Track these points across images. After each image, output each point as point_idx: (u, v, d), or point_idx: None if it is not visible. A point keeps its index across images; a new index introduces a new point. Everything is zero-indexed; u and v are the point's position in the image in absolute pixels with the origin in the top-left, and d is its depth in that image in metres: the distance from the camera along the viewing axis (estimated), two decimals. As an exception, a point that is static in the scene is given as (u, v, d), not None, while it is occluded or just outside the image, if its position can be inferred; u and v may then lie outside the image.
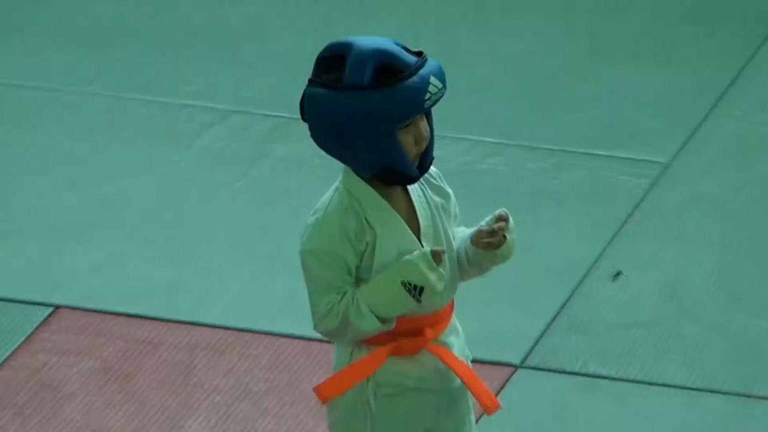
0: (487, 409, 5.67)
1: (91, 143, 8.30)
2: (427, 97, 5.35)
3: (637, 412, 7.07)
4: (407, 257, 5.49)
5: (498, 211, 5.55)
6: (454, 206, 5.71)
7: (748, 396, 7.14)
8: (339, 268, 5.52)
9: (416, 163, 5.47)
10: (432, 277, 5.43)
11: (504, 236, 5.49)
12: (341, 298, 5.49)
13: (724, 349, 7.21)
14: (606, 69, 8.28)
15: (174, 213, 7.95)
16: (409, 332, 5.60)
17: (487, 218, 5.52)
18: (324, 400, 5.67)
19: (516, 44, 7.91)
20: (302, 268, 5.55)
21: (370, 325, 5.50)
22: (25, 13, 8.88)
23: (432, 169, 5.62)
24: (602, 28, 8.63)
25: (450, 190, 5.68)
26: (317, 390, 5.67)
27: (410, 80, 5.38)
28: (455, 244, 5.65)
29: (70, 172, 8.22)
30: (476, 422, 5.90)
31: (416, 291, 5.44)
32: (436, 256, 5.43)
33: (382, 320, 5.47)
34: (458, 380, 5.71)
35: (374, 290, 5.51)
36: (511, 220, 5.52)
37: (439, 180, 5.67)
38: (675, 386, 7.13)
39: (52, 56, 8.70)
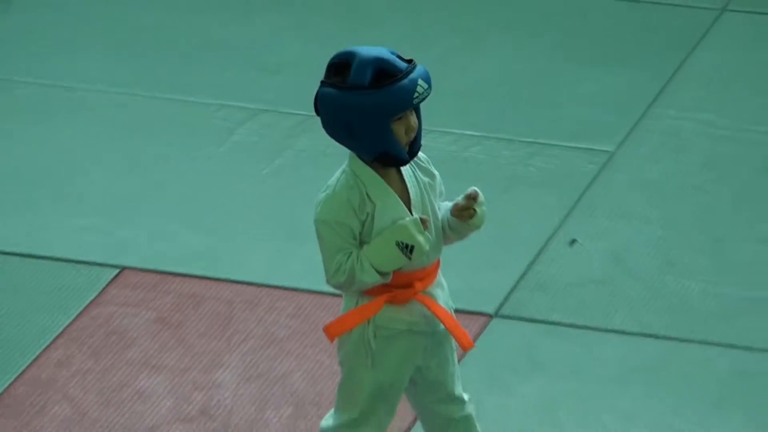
0: (464, 347, 6.03)
1: (140, 137, 8.34)
2: (415, 96, 5.64)
3: (590, 352, 7.14)
4: (400, 222, 5.75)
5: (469, 190, 5.81)
6: (440, 185, 5.97)
7: (678, 339, 7.22)
8: (346, 233, 5.78)
9: (407, 149, 5.78)
10: (420, 238, 5.70)
11: (474, 210, 5.82)
12: (348, 258, 5.75)
13: (658, 303, 7.32)
14: (565, 75, 8.31)
15: (213, 193, 8.01)
16: (402, 285, 5.86)
17: (462, 195, 5.81)
18: (331, 338, 5.94)
19: (494, 55, 7.90)
20: (316, 235, 5.78)
21: (372, 278, 5.75)
22: (81, 28, 8.89)
23: (421, 154, 5.92)
24: (563, 42, 8.62)
25: (436, 172, 5.94)
26: (326, 329, 5.96)
27: (402, 82, 5.65)
28: (440, 214, 5.93)
29: (125, 161, 8.26)
30: (458, 362, 6.08)
31: (408, 249, 5.72)
32: (423, 222, 5.72)
33: (381, 274, 5.73)
34: (442, 325, 5.95)
35: (374, 250, 5.76)
36: (480, 196, 5.83)
37: (427, 164, 5.96)
38: (620, 332, 7.25)
39: (104, 63, 8.72)
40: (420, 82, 5.70)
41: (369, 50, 5.79)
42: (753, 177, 7.88)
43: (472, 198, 5.82)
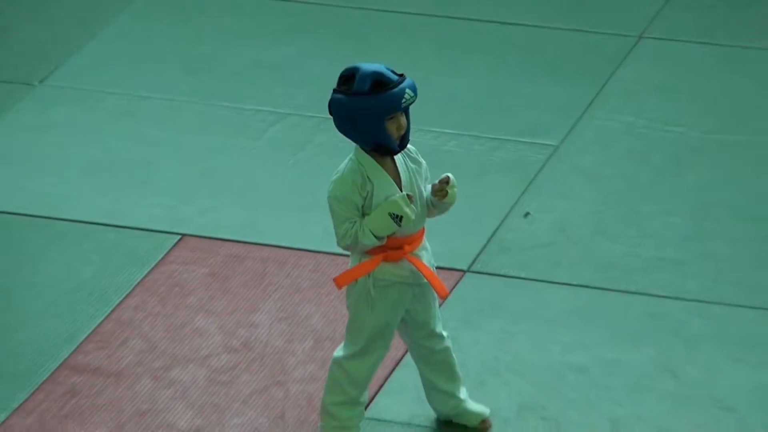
0: (441, 296, 6.27)
1: (197, 135, 8.36)
2: (403, 101, 5.91)
3: (538, 299, 7.24)
4: (392, 198, 5.96)
5: (443, 176, 6.06)
6: (426, 171, 6.23)
7: (606, 289, 7.34)
8: (351, 207, 6.01)
9: (398, 142, 5.99)
10: (407, 210, 5.94)
11: (446, 191, 6.05)
12: (353, 226, 5.98)
13: (591, 261, 7.42)
14: (520, 87, 8.35)
15: (251, 177, 8.05)
16: (394, 247, 6.11)
17: (438, 179, 6.08)
18: (339, 286, 6.16)
19: (467, 73, 7.86)
20: (329, 208, 6.05)
21: (370, 241, 5.99)
22: (155, 52, 8.87)
23: (410, 147, 6.15)
24: (518, 63, 8.63)
25: (423, 161, 6.21)
26: (335, 279, 6.19)
27: (393, 90, 5.89)
28: (424, 193, 6.15)
29: (185, 153, 8.28)
30: (439, 307, 6.33)
31: (398, 219, 5.93)
32: (410, 198, 5.95)
33: (378, 238, 5.97)
34: (425, 278, 6.17)
35: (372, 219, 5.98)
36: (452, 180, 6.08)
37: (415, 154, 6.17)
38: (561, 283, 7.34)
39: (172, 79, 8.72)
40: (407, 90, 5.94)
41: (369, 65, 5.99)
42: (663, 164, 7.93)
43: (444, 182, 6.06)
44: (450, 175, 6.11)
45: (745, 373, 6.66)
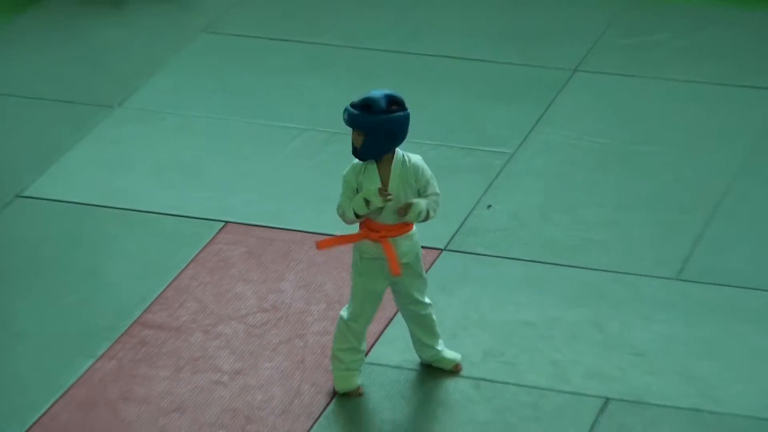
0: (393, 273, 6.08)
1: (238, 145, 8.31)
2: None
3: (499, 271, 7.15)
4: (369, 188, 5.92)
5: (406, 203, 5.99)
6: (421, 179, 6.10)
7: (550, 263, 7.27)
8: (349, 189, 6.01)
9: (358, 153, 6.05)
10: (374, 198, 5.88)
11: (406, 213, 5.97)
12: (345, 201, 6.01)
13: (538, 241, 7.39)
14: (481, 108, 8.37)
15: (280, 177, 7.95)
16: (374, 230, 6.05)
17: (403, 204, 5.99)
18: (318, 247, 6.37)
19: (441, 97, 8.01)
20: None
21: (350, 215, 5.99)
22: (207, 83, 8.98)
23: (415, 160, 6.08)
24: (480, 89, 8.61)
25: (423, 172, 6.10)
26: (317, 242, 6.35)
27: (405, 109, 5.99)
28: (408, 198, 6.02)
29: (228, 158, 8.17)
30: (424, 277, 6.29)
31: (367, 203, 5.89)
32: (381, 191, 5.87)
33: (356, 215, 5.95)
34: (405, 257, 6.13)
35: (354, 200, 5.94)
36: (412, 208, 5.97)
37: (414, 166, 6.06)
38: (517, 259, 7.27)
39: (220, 102, 8.71)
40: (396, 116, 6.01)
41: (376, 92, 6.02)
42: (593, 167, 7.94)
43: (403, 209, 6.02)
44: (414, 202, 6.03)
45: (654, 327, 6.71)
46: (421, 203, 6.04)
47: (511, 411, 6.23)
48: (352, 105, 5.98)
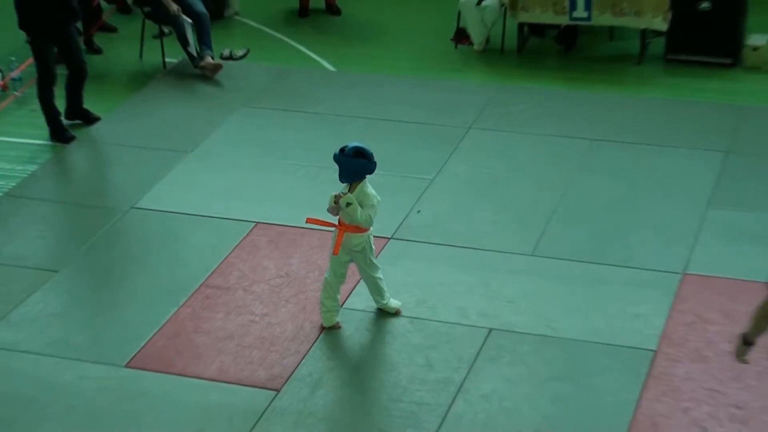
0: (334, 252, 6.05)
1: (263, 175, 8.01)
2: (371, 166, 6.00)
3: (427, 252, 7.00)
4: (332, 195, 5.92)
5: (340, 194, 5.92)
6: (363, 201, 5.96)
7: (461, 246, 7.07)
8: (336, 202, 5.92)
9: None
10: (330, 201, 5.95)
11: (336, 202, 5.92)
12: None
13: (449, 233, 7.17)
14: (413, 151, 8.03)
15: (290, 194, 7.74)
16: (340, 225, 6.02)
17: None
18: (306, 221, 6.29)
19: (385, 144, 7.53)
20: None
21: (330, 207, 5.97)
22: (247, 137, 8.64)
23: (369, 190, 6.02)
24: (410, 139, 8.28)
25: (369, 198, 5.99)
26: (307, 218, 6.28)
27: (370, 161, 5.93)
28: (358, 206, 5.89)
29: (261, 181, 7.97)
30: (376, 257, 6.26)
31: (330, 200, 5.94)
32: (336, 196, 5.92)
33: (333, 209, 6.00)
34: (357, 246, 6.06)
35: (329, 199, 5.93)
36: (342, 200, 5.87)
37: (366, 194, 6.00)
38: (442, 244, 7.09)
39: (253, 151, 8.40)
40: (369, 160, 5.98)
41: (357, 144, 5.96)
42: (483, 188, 7.73)
43: (337, 197, 5.95)
44: (341, 195, 5.96)
45: (518, 285, 6.70)
46: (351, 198, 5.98)
47: (432, 337, 6.33)
48: (339, 149, 6.05)
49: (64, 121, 8.48)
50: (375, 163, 6.09)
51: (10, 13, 9.44)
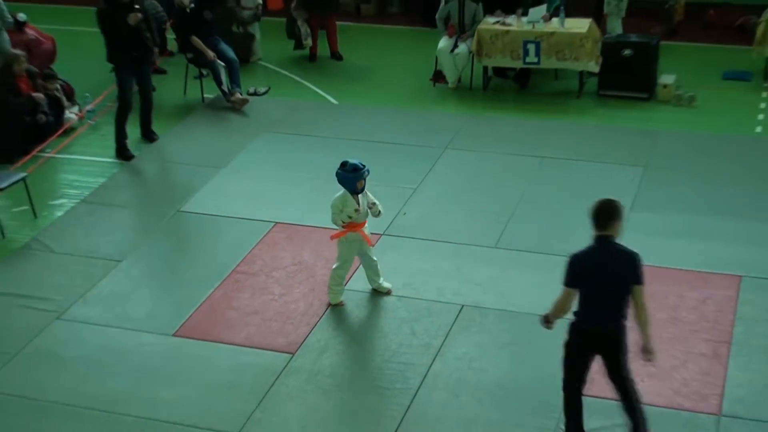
0: (369, 243, 6.05)
1: (281, 185, 7.85)
2: (364, 176, 5.79)
3: (410, 245, 6.87)
4: (349, 210, 5.83)
5: (375, 204, 5.92)
6: (371, 200, 5.94)
7: (435, 240, 6.98)
8: (336, 209, 5.87)
9: (359, 189, 5.82)
10: (353, 213, 5.86)
11: (375, 210, 5.92)
12: (335, 214, 5.87)
13: (430, 231, 7.09)
14: (397, 166, 7.99)
15: (302, 200, 7.53)
16: (354, 226, 5.93)
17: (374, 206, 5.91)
18: (332, 239, 6.06)
19: (376, 161, 7.34)
20: (331, 207, 5.90)
21: (340, 223, 5.88)
22: (272, 156, 8.47)
23: (371, 196, 5.95)
24: (394, 155, 8.18)
25: (373, 200, 5.97)
26: (331, 236, 6.07)
27: (363, 170, 5.81)
28: (367, 208, 5.92)
29: (283, 191, 7.74)
30: (373, 248, 6.21)
31: (349, 216, 5.85)
32: (354, 209, 5.82)
33: (341, 222, 5.87)
34: (365, 240, 6.01)
35: (342, 217, 5.86)
36: (377, 208, 5.94)
37: (370, 197, 5.95)
38: (419, 239, 7.00)
39: (276, 168, 8.23)
40: (365, 171, 5.82)
41: (354, 161, 5.85)
42: (456, 194, 7.69)
43: (371, 205, 5.94)
44: (376, 202, 5.99)
45: (484, 271, 6.58)
46: (378, 206, 6.06)
47: (416, 311, 6.34)
48: (340, 164, 6.04)
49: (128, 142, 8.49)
50: (361, 174, 5.90)
51: (85, 60, 9.59)
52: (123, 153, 8.30)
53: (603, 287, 4.31)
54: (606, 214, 4.31)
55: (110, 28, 7.68)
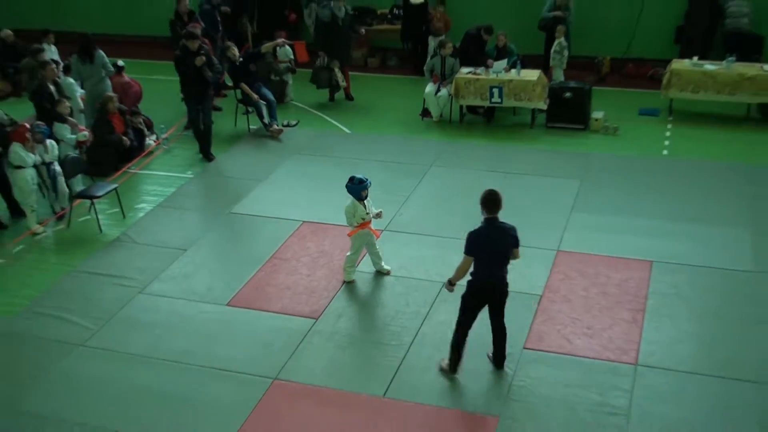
0: (377, 237, 5.98)
1: (307, 192, 7.62)
2: (367, 187, 5.72)
3: (401, 238, 6.72)
4: (362, 213, 5.72)
5: (379, 211, 5.85)
6: (372, 206, 5.86)
7: (423, 234, 6.78)
8: (350, 213, 5.77)
9: (364, 197, 5.71)
10: (366, 216, 5.76)
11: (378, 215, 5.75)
12: (349, 217, 5.75)
13: (420, 227, 6.87)
14: (392, 179, 7.73)
15: (325, 203, 7.20)
16: (365, 224, 5.86)
17: (375, 212, 5.75)
18: (349, 235, 5.91)
19: (379, 176, 7.28)
20: (345, 211, 5.77)
21: (354, 224, 5.74)
22: (302, 173, 8.65)
23: (371, 203, 5.82)
24: (386, 172, 7.97)
25: (372, 208, 5.86)
26: (348, 233, 5.89)
27: (366, 182, 5.73)
28: (373, 210, 5.81)
29: (304, 196, 7.53)
30: (377, 240, 6.10)
31: (362, 219, 5.72)
32: (379, 215, 5.78)
33: (355, 222, 5.72)
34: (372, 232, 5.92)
35: (356, 218, 5.75)
36: (381, 213, 5.79)
37: (371, 205, 5.85)
38: (406, 232, 6.84)
39: (304, 188, 7.95)
40: (368, 182, 5.70)
41: (360, 175, 5.76)
42: (440, 201, 7.49)
43: (378, 214, 5.85)
44: (381, 211, 5.91)
45: (455, 258, 6.59)
46: (380, 213, 6.01)
47: (409, 288, 6.26)
48: (349, 179, 6.02)
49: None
50: (365, 185, 5.85)
51: (160, 101, 9.58)
52: (207, 155, 8.48)
53: (493, 253, 4.64)
54: (495, 202, 4.60)
55: (182, 68, 8.00)
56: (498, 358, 4.91)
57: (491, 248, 4.64)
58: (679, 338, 5.21)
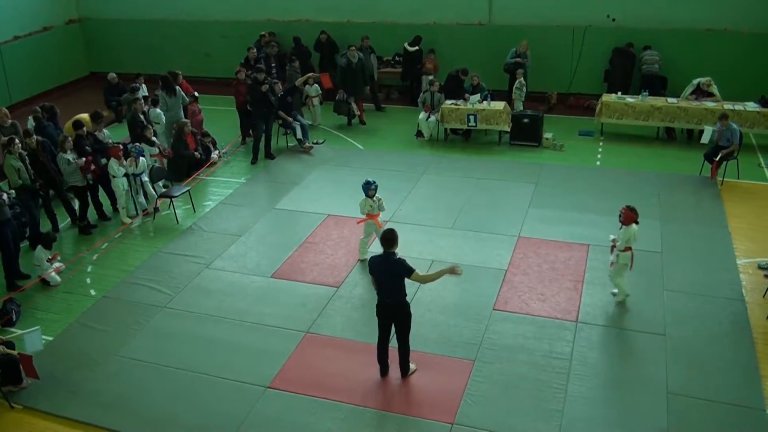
0: (379, 226, 5.60)
1: (333, 193, 7.27)
2: (372, 187, 5.56)
3: (405, 227, 6.35)
4: (367, 205, 5.47)
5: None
6: (380, 202, 5.68)
7: (420, 225, 6.56)
8: (364, 206, 5.60)
9: (372, 195, 5.45)
10: (370, 207, 5.49)
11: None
12: (361, 207, 5.53)
13: (418, 219, 6.64)
14: (393, 182, 7.44)
15: (345, 202, 6.90)
16: (373, 216, 5.67)
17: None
18: (358, 222, 5.74)
19: (383, 181, 7.06)
20: (360, 205, 5.53)
21: (364, 213, 5.52)
22: (327, 182, 8.06)
23: (378, 197, 5.59)
24: (393, 178, 7.67)
25: (381, 201, 5.63)
26: (358, 221, 5.67)
27: (372, 184, 5.58)
28: (378, 205, 5.53)
29: (330, 195, 7.25)
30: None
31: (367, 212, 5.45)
32: (381, 214, 5.52)
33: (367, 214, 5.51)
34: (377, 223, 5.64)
35: (364, 209, 5.51)
36: (381, 203, 5.40)
37: (377, 199, 5.65)
38: (410, 224, 6.47)
39: (329, 190, 7.62)
40: (374, 184, 5.64)
41: (370, 179, 5.62)
42: (430, 200, 7.16)
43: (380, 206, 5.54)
44: (382, 200, 5.62)
45: (462, 242, 6.31)
46: (382, 201, 5.88)
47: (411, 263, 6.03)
48: (365, 182, 5.92)
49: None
50: (370, 186, 5.59)
51: (222, 125, 9.32)
52: (255, 161, 8.36)
53: (386, 279, 4.30)
54: (391, 240, 4.25)
55: (252, 94, 8.22)
56: (401, 368, 4.50)
57: (385, 277, 4.28)
58: (608, 302, 5.29)
